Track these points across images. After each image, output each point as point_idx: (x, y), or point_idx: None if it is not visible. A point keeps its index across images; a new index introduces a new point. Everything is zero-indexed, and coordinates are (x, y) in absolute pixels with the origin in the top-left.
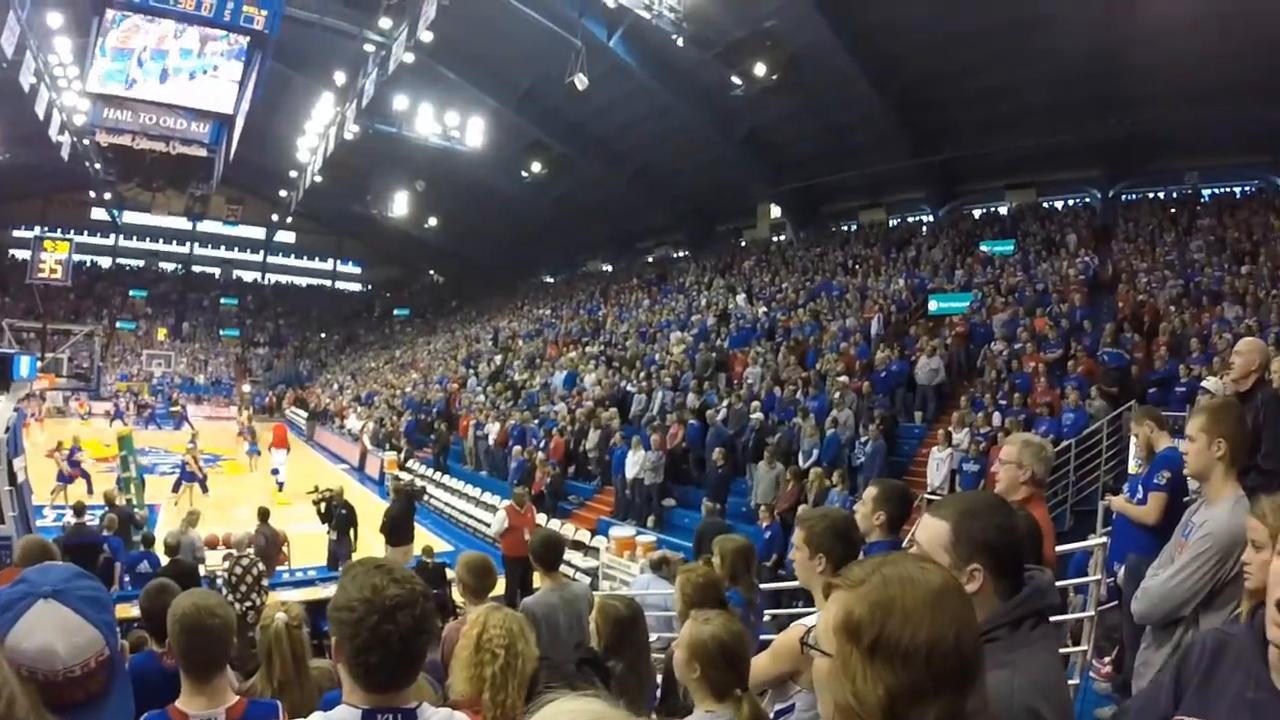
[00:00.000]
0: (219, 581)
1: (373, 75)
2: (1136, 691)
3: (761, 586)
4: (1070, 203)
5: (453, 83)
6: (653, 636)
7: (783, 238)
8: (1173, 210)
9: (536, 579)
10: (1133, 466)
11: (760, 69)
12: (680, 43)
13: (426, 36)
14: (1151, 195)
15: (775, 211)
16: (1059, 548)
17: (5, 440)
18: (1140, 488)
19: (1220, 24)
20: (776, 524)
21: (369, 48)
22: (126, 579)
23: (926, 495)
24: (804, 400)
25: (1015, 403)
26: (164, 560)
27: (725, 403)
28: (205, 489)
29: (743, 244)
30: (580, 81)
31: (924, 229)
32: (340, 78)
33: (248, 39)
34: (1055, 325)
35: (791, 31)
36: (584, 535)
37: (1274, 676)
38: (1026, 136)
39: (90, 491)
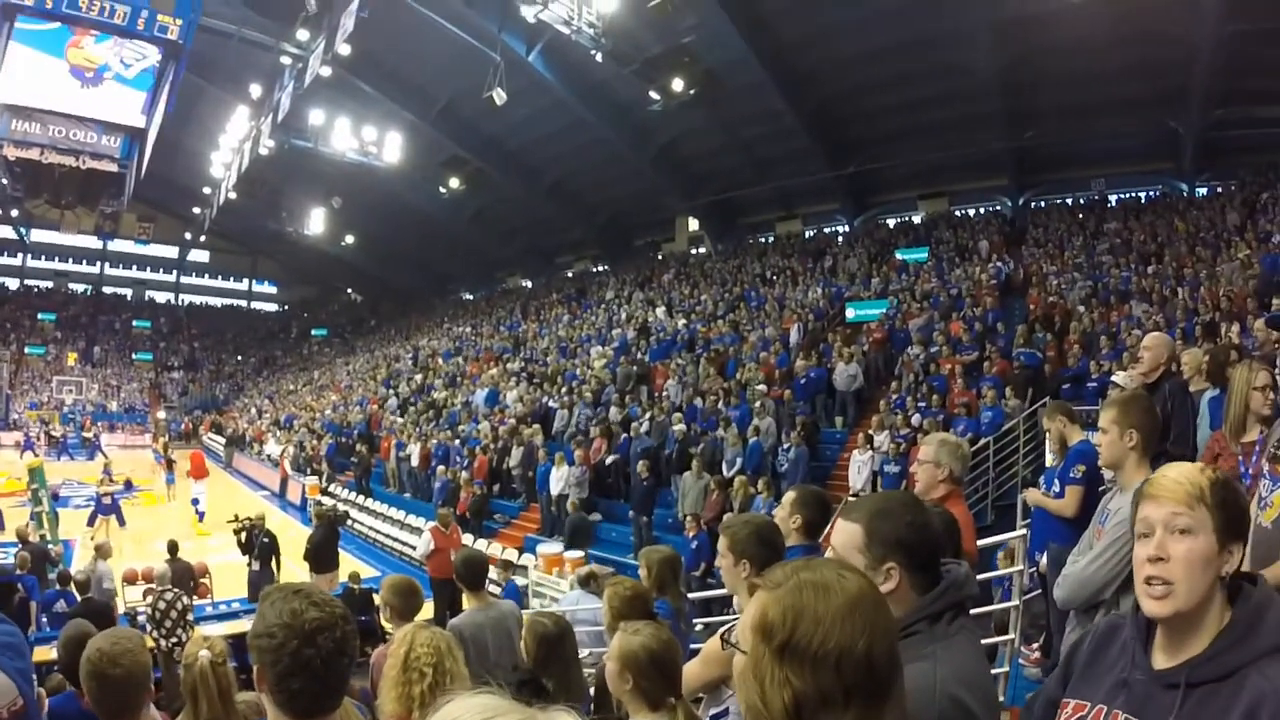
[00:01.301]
0: (141, 618)
1: (289, 88)
2: None
3: (691, 595)
4: (981, 210)
5: (370, 97)
6: (585, 652)
7: (701, 250)
8: (1080, 215)
9: (464, 600)
10: (1049, 460)
11: (678, 84)
12: (599, 58)
13: (344, 50)
14: (1060, 201)
15: (693, 224)
16: (981, 541)
17: None
18: (1057, 481)
19: (1123, 42)
20: (704, 533)
21: (285, 60)
22: (44, 619)
23: (849, 498)
24: (726, 410)
25: (933, 404)
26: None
27: (648, 415)
28: (122, 521)
29: (661, 257)
30: (499, 96)
31: (840, 239)
32: (256, 91)
33: (161, 50)
34: (970, 328)
35: (708, 47)
36: (511, 554)
37: (1154, 657)
38: (938, 148)
39: (1, 528)
